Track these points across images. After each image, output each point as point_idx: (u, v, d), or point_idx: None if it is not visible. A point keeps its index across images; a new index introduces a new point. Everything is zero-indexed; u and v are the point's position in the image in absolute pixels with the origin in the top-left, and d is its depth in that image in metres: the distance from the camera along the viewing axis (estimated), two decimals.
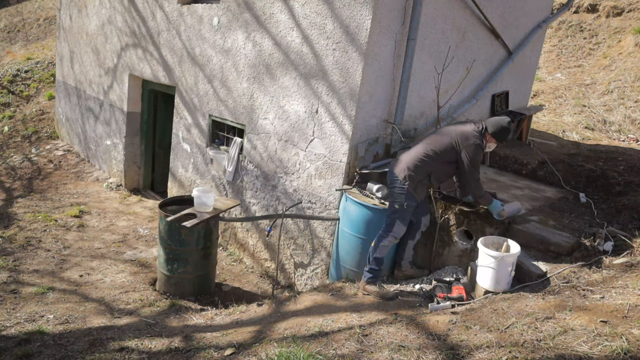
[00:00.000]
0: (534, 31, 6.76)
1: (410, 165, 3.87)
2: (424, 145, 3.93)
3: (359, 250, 4.38)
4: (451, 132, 3.89)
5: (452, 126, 4.01)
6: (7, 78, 11.22)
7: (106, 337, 3.57)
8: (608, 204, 5.00)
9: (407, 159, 3.92)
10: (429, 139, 3.97)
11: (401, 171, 3.89)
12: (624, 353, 2.33)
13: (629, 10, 12.27)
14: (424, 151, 3.88)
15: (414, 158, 3.89)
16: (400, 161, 3.96)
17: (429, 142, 3.92)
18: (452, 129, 3.93)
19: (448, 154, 3.83)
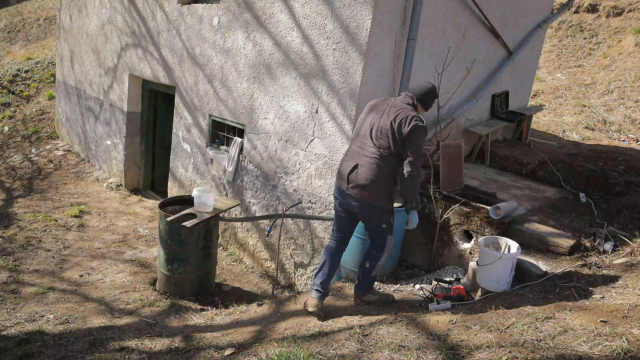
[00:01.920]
0: (534, 31, 6.76)
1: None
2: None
3: (359, 250, 4.38)
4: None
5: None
6: (7, 78, 11.23)
7: (106, 337, 3.58)
8: (608, 204, 5.00)
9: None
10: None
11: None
12: (624, 353, 2.33)
13: (629, 10, 12.27)
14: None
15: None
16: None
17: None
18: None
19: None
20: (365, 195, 3.48)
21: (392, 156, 3.45)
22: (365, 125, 3.56)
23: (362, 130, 3.57)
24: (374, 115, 3.56)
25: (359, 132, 3.59)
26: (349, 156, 3.60)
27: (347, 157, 3.62)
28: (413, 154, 3.37)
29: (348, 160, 3.59)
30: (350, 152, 3.62)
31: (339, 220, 3.76)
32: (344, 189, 3.57)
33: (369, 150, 3.50)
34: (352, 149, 3.60)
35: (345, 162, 3.60)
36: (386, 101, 3.63)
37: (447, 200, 4.40)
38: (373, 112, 3.59)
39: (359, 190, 3.49)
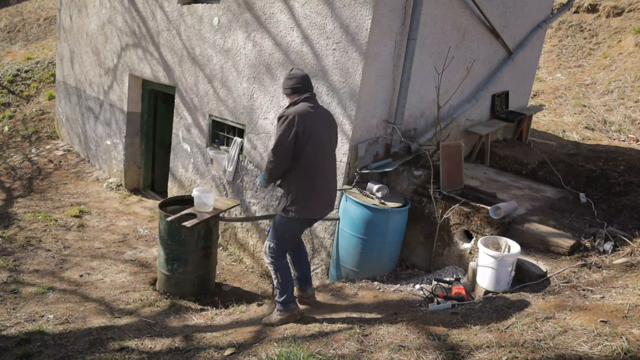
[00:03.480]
0: (534, 31, 6.76)
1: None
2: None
3: (359, 250, 4.38)
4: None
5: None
6: (7, 78, 11.23)
7: (106, 337, 3.58)
8: (608, 204, 5.00)
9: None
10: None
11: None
12: (624, 353, 2.33)
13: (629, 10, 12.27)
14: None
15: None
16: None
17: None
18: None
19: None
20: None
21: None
22: (324, 140, 3.45)
23: (323, 145, 3.45)
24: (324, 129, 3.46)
25: (322, 147, 3.44)
26: (325, 177, 3.51)
27: (323, 179, 3.50)
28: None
29: (328, 184, 3.55)
30: (324, 173, 3.50)
31: (296, 237, 3.76)
32: (327, 213, 3.63)
33: (333, 165, 3.59)
34: (325, 168, 3.50)
35: (326, 185, 3.53)
36: (319, 111, 3.49)
37: (447, 200, 4.39)
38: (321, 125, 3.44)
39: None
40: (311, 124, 3.33)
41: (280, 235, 3.58)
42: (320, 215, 3.59)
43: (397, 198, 4.51)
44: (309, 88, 3.46)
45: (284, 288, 3.61)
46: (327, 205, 3.57)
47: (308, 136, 3.31)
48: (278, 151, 3.33)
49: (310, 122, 3.32)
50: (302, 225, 3.65)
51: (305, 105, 3.37)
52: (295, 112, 3.30)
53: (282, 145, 3.30)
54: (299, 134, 3.29)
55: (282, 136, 3.29)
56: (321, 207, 3.54)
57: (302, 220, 3.53)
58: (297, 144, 3.31)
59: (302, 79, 3.44)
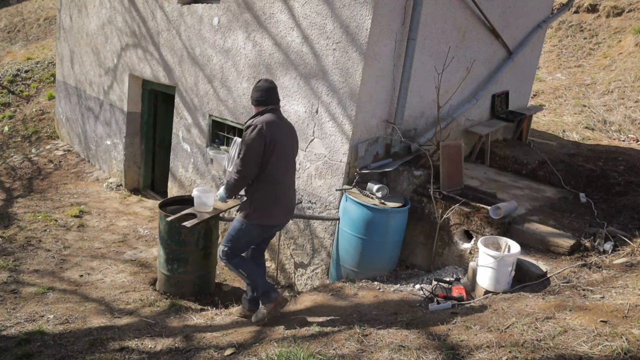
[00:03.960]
0: (534, 31, 6.76)
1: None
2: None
3: (359, 250, 4.38)
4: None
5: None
6: (7, 78, 11.23)
7: (106, 337, 3.57)
8: (608, 204, 5.00)
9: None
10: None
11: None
12: (624, 353, 2.33)
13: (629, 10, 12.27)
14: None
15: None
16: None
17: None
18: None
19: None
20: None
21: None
22: (287, 151, 3.57)
23: (287, 156, 3.57)
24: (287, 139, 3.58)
25: (286, 158, 3.56)
26: (287, 186, 3.65)
27: (285, 188, 3.62)
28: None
29: (289, 193, 3.68)
30: (286, 182, 3.62)
31: (251, 244, 3.81)
32: (286, 221, 3.80)
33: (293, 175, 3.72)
34: (287, 178, 3.63)
35: (287, 194, 3.66)
36: (283, 123, 3.63)
37: (447, 200, 4.39)
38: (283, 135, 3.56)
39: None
40: (277, 134, 3.43)
41: (235, 240, 3.63)
42: (279, 222, 3.73)
43: (397, 198, 4.51)
44: (275, 100, 3.57)
45: (254, 281, 3.70)
46: (287, 212, 3.71)
47: (274, 146, 3.41)
48: (248, 159, 3.39)
49: (276, 133, 3.43)
50: (261, 232, 3.70)
51: (271, 116, 3.48)
52: (264, 122, 3.39)
53: (252, 153, 3.38)
54: (267, 143, 3.38)
55: (252, 144, 3.37)
56: (282, 215, 3.67)
57: (262, 227, 3.63)
58: (264, 153, 3.40)
59: (268, 91, 3.54)
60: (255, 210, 3.53)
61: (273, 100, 3.55)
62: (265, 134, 3.36)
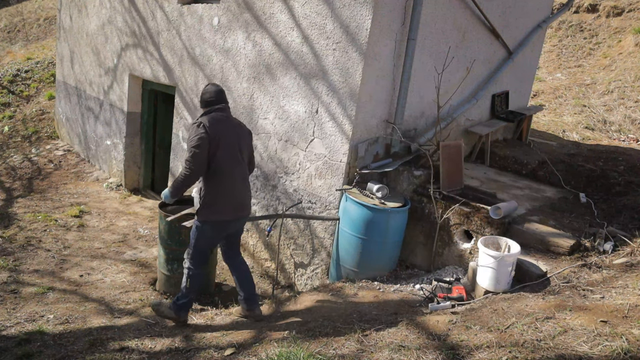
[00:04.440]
0: (534, 31, 6.76)
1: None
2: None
3: (359, 250, 4.38)
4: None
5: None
6: (7, 78, 11.22)
7: (106, 337, 3.57)
8: (608, 204, 5.00)
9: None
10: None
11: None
12: (624, 353, 2.33)
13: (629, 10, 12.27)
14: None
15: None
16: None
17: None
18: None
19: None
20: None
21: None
22: (234, 147, 3.63)
23: (233, 152, 3.62)
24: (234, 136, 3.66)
25: (233, 153, 3.62)
26: (236, 181, 3.67)
27: (233, 184, 3.65)
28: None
29: (239, 189, 3.70)
30: (234, 178, 3.65)
31: (212, 243, 3.90)
32: (239, 217, 3.79)
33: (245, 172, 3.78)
34: (236, 174, 3.65)
35: (237, 190, 3.69)
36: (230, 120, 3.73)
37: (447, 200, 4.39)
38: (230, 132, 3.64)
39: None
40: (221, 130, 3.54)
41: (195, 240, 3.72)
42: (230, 218, 3.70)
43: (397, 198, 4.51)
44: (222, 101, 3.69)
45: (185, 293, 3.77)
46: (238, 209, 3.73)
47: (218, 142, 3.49)
48: (195, 156, 3.46)
49: (220, 129, 3.53)
50: (215, 230, 3.73)
51: (216, 114, 3.60)
52: (209, 120, 3.53)
53: (197, 150, 3.45)
54: (211, 140, 3.46)
55: (196, 142, 3.45)
56: (232, 211, 3.68)
57: (214, 223, 3.66)
58: (209, 149, 3.48)
59: (215, 93, 3.68)
60: (203, 207, 3.60)
61: (220, 101, 3.68)
62: (208, 130, 3.46)
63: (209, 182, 3.58)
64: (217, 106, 3.64)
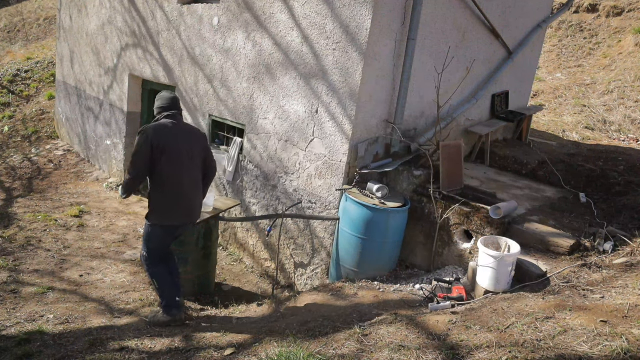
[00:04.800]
0: (534, 31, 6.76)
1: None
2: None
3: (359, 250, 4.38)
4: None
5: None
6: (7, 78, 11.22)
7: (106, 337, 3.57)
8: (608, 204, 5.00)
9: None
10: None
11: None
12: (624, 353, 2.33)
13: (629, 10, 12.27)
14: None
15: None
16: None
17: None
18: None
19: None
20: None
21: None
22: (182, 154, 3.70)
23: (180, 159, 3.68)
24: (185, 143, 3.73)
25: (180, 160, 3.68)
26: (184, 187, 3.72)
27: (180, 190, 3.71)
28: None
29: (187, 195, 3.75)
30: (182, 184, 3.71)
31: (163, 245, 3.90)
32: (188, 222, 3.87)
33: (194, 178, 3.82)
34: (184, 180, 3.71)
35: (186, 195, 3.75)
36: (180, 127, 3.78)
37: (447, 200, 4.39)
38: (181, 139, 3.71)
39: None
40: (167, 138, 3.62)
41: (147, 243, 3.83)
42: (180, 222, 3.80)
43: (397, 198, 4.51)
44: (173, 108, 3.79)
45: (161, 294, 3.84)
46: (186, 214, 3.81)
47: (163, 149, 3.59)
48: (136, 161, 3.61)
49: (165, 136, 3.62)
50: (165, 233, 3.81)
51: (165, 122, 3.70)
52: (152, 127, 3.64)
53: (139, 155, 3.58)
54: (154, 147, 3.56)
55: (139, 148, 3.58)
56: (180, 216, 3.77)
57: (163, 227, 3.77)
58: (153, 156, 3.58)
59: (167, 100, 3.81)
60: (152, 212, 3.74)
61: (171, 107, 3.78)
62: (152, 137, 3.56)
63: (156, 188, 3.69)
64: (166, 113, 3.75)
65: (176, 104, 3.83)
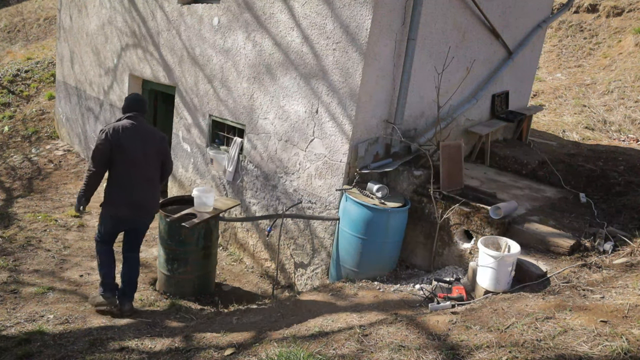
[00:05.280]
0: (534, 31, 6.76)
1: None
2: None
3: (359, 250, 4.38)
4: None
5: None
6: (7, 78, 11.22)
7: (106, 337, 3.57)
8: (608, 204, 5.00)
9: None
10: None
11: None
12: (624, 353, 2.33)
13: (629, 10, 12.27)
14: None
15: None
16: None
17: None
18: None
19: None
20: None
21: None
22: (137, 153, 3.95)
23: (134, 158, 3.94)
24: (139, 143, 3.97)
25: (134, 159, 3.94)
26: (136, 184, 3.98)
27: (131, 186, 3.97)
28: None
29: (138, 192, 4.00)
30: (133, 181, 3.97)
31: (112, 232, 4.15)
32: (136, 216, 4.09)
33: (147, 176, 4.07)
34: (136, 178, 3.97)
35: (136, 192, 3.99)
36: (138, 128, 4.04)
37: (447, 200, 4.39)
38: (135, 140, 3.95)
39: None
40: (123, 137, 3.90)
41: (99, 226, 4.14)
42: (127, 216, 4.04)
43: (397, 198, 4.51)
44: (137, 109, 4.07)
45: (100, 273, 4.16)
46: (134, 209, 4.03)
47: (118, 147, 3.88)
48: (94, 157, 3.91)
49: (122, 136, 3.90)
50: (113, 222, 4.08)
51: (125, 122, 3.99)
52: (112, 126, 3.94)
53: (98, 153, 3.89)
54: (112, 145, 3.86)
55: (98, 145, 3.89)
56: (127, 210, 4.00)
57: (112, 217, 4.05)
58: (110, 153, 3.89)
59: (131, 101, 4.10)
60: (105, 202, 4.03)
61: (133, 109, 4.06)
62: (110, 136, 3.85)
63: (110, 182, 4.02)
64: (128, 114, 4.03)
65: (138, 105, 4.09)
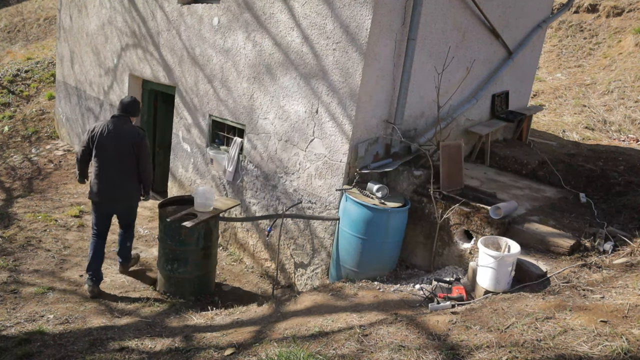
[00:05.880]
0: (534, 31, 6.76)
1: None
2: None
3: (359, 250, 4.38)
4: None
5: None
6: (7, 78, 11.22)
7: (106, 337, 3.58)
8: (608, 204, 5.00)
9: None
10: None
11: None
12: (624, 353, 2.33)
13: (629, 10, 12.27)
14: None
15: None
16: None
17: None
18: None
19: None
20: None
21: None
22: (108, 148, 4.59)
23: (107, 152, 4.60)
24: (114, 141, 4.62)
25: (105, 153, 4.60)
26: (108, 174, 4.62)
27: (106, 176, 4.63)
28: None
29: (111, 182, 4.63)
30: (107, 172, 4.61)
31: (98, 219, 4.78)
32: (111, 202, 4.75)
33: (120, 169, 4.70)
34: (108, 168, 4.60)
35: (109, 181, 4.63)
36: (116, 127, 4.67)
37: (447, 200, 4.39)
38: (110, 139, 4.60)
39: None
40: (100, 134, 4.58)
41: (91, 216, 4.82)
42: (100, 200, 4.67)
43: (397, 198, 4.51)
44: (121, 110, 4.71)
45: (89, 256, 4.72)
46: (107, 194, 4.65)
47: (96, 142, 4.60)
48: (79, 148, 4.72)
49: (100, 133, 4.59)
50: (95, 208, 4.74)
51: (109, 120, 4.68)
52: (95, 125, 4.68)
53: (82, 144, 4.67)
54: (91, 139, 4.62)
55: (83, 138, 4.67)
56: (102, 196, 4.65)
57: (93, 202, 4.72)
58: (91, 145, 4.62)
59: (120, 104, 4.74)
60: (89, 187, 4.72)
61: (120, 110, 4.71)
62: (91, 132, 4.62)
63: (92, 173, 4.69)
64: (115, 114, 4.70)
65: (125, 107, 4.69)
